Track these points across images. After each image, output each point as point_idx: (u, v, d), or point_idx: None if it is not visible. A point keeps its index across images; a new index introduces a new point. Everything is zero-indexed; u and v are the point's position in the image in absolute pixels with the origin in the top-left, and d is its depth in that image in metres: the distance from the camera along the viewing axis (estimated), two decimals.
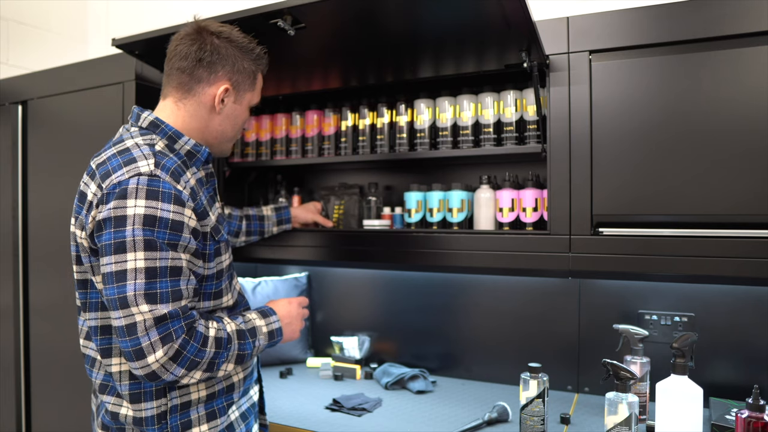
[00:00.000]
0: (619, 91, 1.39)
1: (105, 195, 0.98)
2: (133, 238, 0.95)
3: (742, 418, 1.20)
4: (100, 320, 1.09)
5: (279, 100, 2.07)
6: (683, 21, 1.33)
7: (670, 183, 1.34)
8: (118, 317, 0.96)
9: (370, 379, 1.91)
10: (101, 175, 1.02)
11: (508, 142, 1.62)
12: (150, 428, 1.07)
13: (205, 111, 1.16)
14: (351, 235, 1.77)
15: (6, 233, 2.13)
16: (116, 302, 0.96)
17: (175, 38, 1.17)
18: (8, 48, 2.55)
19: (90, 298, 1.09)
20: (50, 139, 2.05)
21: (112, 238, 0.96)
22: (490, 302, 1.89)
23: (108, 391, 1.11)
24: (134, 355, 0.96)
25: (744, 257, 1.27)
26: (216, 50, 1.13)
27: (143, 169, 1.00)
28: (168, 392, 1.08)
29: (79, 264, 1.10)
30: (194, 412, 1.10)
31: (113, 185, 0.98)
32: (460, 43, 1.47)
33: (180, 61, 1.13)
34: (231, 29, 1.18)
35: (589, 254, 1.41)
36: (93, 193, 1.02)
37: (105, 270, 0.97)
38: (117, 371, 1.08)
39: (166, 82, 1.19)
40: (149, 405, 1.06)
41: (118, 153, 1.05)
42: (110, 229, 0.96)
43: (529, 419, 1.36)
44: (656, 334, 1.64)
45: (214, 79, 1.14)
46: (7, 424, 2.14)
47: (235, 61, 1.16)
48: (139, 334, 0.95)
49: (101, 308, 1.08)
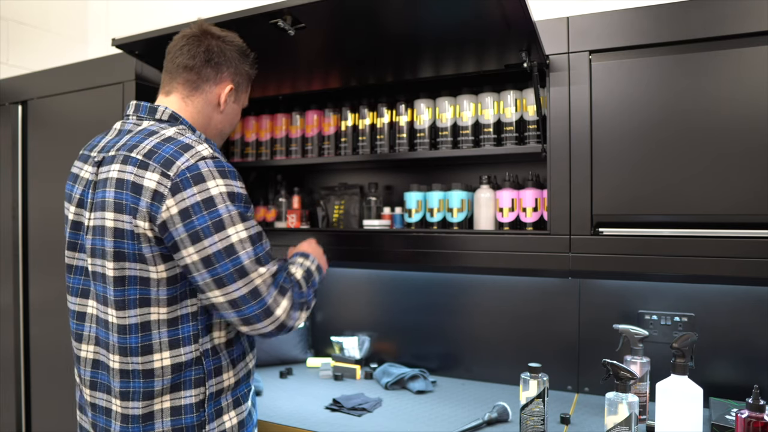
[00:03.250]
0: (619, 90, 1.39)
1: (177, 182, 1.00)
2: (229, 214, 1.01)
3: (742, 418, 1.20)
4: (139, 317, 1.05)
5: (279, 100, 2.07)
6: (683, 21, 1.33)
7: (670, 183, 1.34)
8: (238, 288, 1.02)
9: (370, 379, 1.91)
10: (161, 163, 1.01)
11: (508, 142, 1.62)
12: (188, 416, 1.07)
13: (210, 108, 1.22)
14: (351, 235, 1.77)
15: (6, 233, 2.14)
16: (233, 275, 1.01)
17: (179, 38, 1.22)
18: (8, 48, 2.55)
19: (128, 295, 1.04)
20: (50, 139, 2.05)
21: (208, 220, 1.00)
22: (490, 302, 1.89)
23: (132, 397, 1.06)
24: (263, 315, 1.05)
25: (744, 257, 1.27)
26: (222, 52, 1.20)
27: (205, 153, 1.04)
28: (206, 381, 1.09)
29: (121, 260, 1.04)
30: (224, 399, 1.12)
31: (182, 171, 1.00)
32: (460, 43, 1.47)
33: (188, 59, 1.18)
34: (233, 35, 1.25)
35: (589, 254, 1.41)
36: (157, 182, 1.00)
37: (210, 251, 1.00)
38: (159, 366, 1.05)
39: (169, 78, 1.21)
40: (188, 393, 1.07)
41: (164, 141, 1.05)
42: (202, 212, 0.99)
43: (529, 419, 1.36)
44: (656, 334, 1.64)
45: (220, 79, 1.21)
46: (7, 424, 2.14)
47: (237, 64, 1.23)
48: (263, 295, 1.04)
49: (141, 305, 1.04)
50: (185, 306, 1.07)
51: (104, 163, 1.11)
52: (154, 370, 1.06)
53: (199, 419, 1.08)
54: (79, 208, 1.14)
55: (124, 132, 1.14)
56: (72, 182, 1.18)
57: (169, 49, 1.22)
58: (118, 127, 1.18)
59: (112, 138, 1.15)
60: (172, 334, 1.06)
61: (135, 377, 1.06)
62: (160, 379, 1.06)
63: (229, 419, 1.13)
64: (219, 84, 1.21)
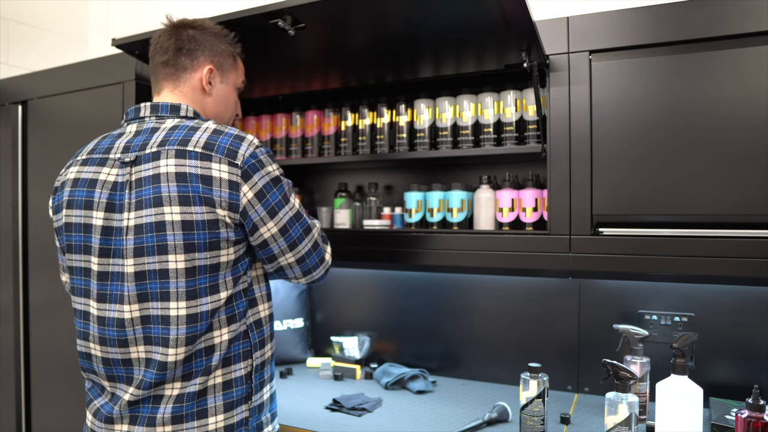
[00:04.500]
0: (619, 90, 1.39)
1: (246, 169, 1.08)
2: (287, 188, 1.16)
3: (742, 418, 1.20)
4: (210, 304, 1.09)
5: (279, 100, 2.07)
6: (683, 21, 1.33)
7: (670, 183, 1.34)
8: (306, 245, 1.18)
9: (370, 379, 1.91)
10: (225, 154, 1.07)
11: (508, 142, 1.62)
12: (239, 389, 1.13)
13: (198, 94, 1.23)
14: (351, 235, 1.77)
15: (6, 233, 2.14)
16: (302, 235, 1.18)
17: (155, 37, 1.24)
18: (8, 48, 2.55)
19: (199, 285, 1.07)
20: (50, 139, 2.05)
21: (279, 196, 1.13)
22: (490, 302, 1.89)
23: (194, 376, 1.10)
24: (319, 262, 1.23)
25: (744, 257, 1.27)
26: (192, 38, 1.21)
27: (256, 142, 1.13)
28: (253, 353, 1.15)
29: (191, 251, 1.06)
30: (266, 372, 1.20)
31: (247, 159, 1.09)
32: (460, 43, 1.47)
33: (161, 55, 1.21)
34: (203, 20, 1.26)
35: (589, 254, 1.41)
36: (228, 172, 1.07)
37: (285, 220, 1.14)
38: (219, 341, 1.10)
39: (155, 79, 1.23)
40: (238, 366, 1.13)
41: (214, 133, 1.10)
42: (273, 190, 1.12)
43: (529, 419, 1.36)
44: (656, 334, 1.64)
45: (197, 65, 1.22)
46: (7, 424, 2.14)
47: (212, 44, 1.24)
48: (320, 245, 1.23)
49: (211, 292, 1.08)
50: (241, 284, 1.14)
51: (141, 161, 1.09)
52: (214, 346, 1.10)
53: (247, 391, 1.14)
54: (109, 212, 1.10)
55: (148, 131, 1.13)
56: (87, 188, 1.12)
57: (149, 51, 1.24)
58: (134, 129, 1.15)
59: (133, 138, 1.13)
60: (230, 311, 1.12)
61: (198, 357, 1.09)
62: (218, 353, 1.11)
63: (267, 391, 1.21)
64: (197, 69, 1.22)
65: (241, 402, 1.13)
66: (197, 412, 1.09)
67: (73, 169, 1.17)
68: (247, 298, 1.15)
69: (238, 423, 1.12)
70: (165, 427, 1.07)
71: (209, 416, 1.09)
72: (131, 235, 1.07)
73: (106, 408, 1.13)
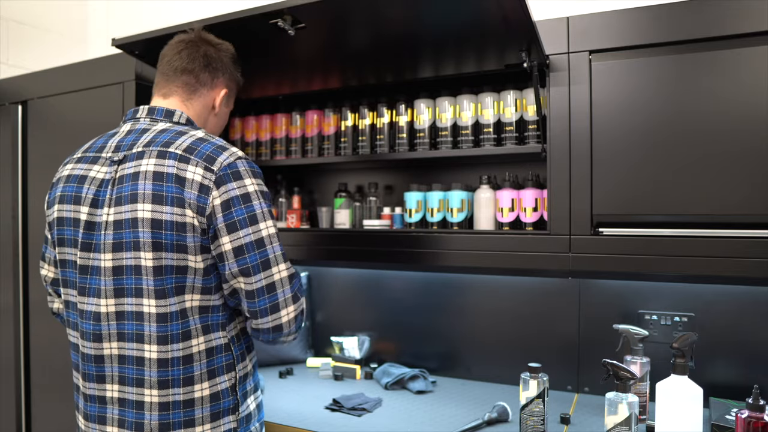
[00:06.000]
0: (619, 91, 1.39)
1: (221, 176, 1.07)
2: (262, 210, 1.10)
3: (742, 418, 1.20)
4: (177, 305, 1.08)
5: (279, 100, 2.07)
6: (683, 21, 1.33)
7: (670, 182, 1.34)
8: (258, 279, 1.08)
9: (370, 379, 1.91)
10: (203, 158, 1.08)
11: (508, 142, 1.62)
12: (225, 400, 1.13)
13: (206, 111, 1.28)
14: (351, 235, 1.77)
15: (6, 233, 2.13)
16: (259, 266, 1.08)
17: (176, 42, 1.26)
18: (8, 48, 2.55)
19: (166, 284, 1.08)
20: (50, 139, 2.05)
21: (245, 213, 1.07)
22: (490, 302, 1.89)
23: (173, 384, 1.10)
24: (269, 311, 1.09)
25: (744, 257, 1.27)
26: (219, 59, 1.27)
27: (239, 153, 1.12)
28: (236, 365, 1.15)
29: (158, 250, 1.07)
30: (248, 384, 1.20)
31: (224, 167, 1.08)
32: (460, 43, 1.47)
33: (188, 63, 1.23)
34: (227, 44, 1.31)
35: (589, 254, 1.41)
36: (201, 176, 1.07)
37: (243, 241, 1.07)
38: (197, 351, 1.10)
39: (165, 81, 1.24)
40: (222, 378, 1.13)
41: (199, 140, 1.11)
42: (240, 205, 1.07)
43: (529, 419, 1.36)
44: (656, 334, 1.64)
45: (215, 84, 1.28)
46: (7, 424, 2.14)
47: (231, 70, 1.31)
48: (277, 290, 1.09)
49: (177, 293, 1.08)
50: (216, 294, 1.13)
51: (127, 159, 1.11)
52: (192, 355, 1.10)
53: (233, 402, 1.15)
54: (92, 207, 1.13)
55: (139, 131, 1.15)
56: (77, 183, 1.16)
57: (165, 52, 1.26)
58: (127, 128, 1.18)
59: (124, 137, 1.16)
60: (203, 320, 1.11)
61: (174, 365, 1.09)
62: (198, 364, 1.11)
63: (252, 401, 1.21)
64: (214, 88, 1.27)
65: (227, 413, 1.14)
66: (184, 421, 1.10)
67: (68, 166, 1.21)
68: (228, 312, 1.15)
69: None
70: None
71: (196, 426, 1.10)
72: (110, 230, 1.10)
73: (90, 408, 1.16)
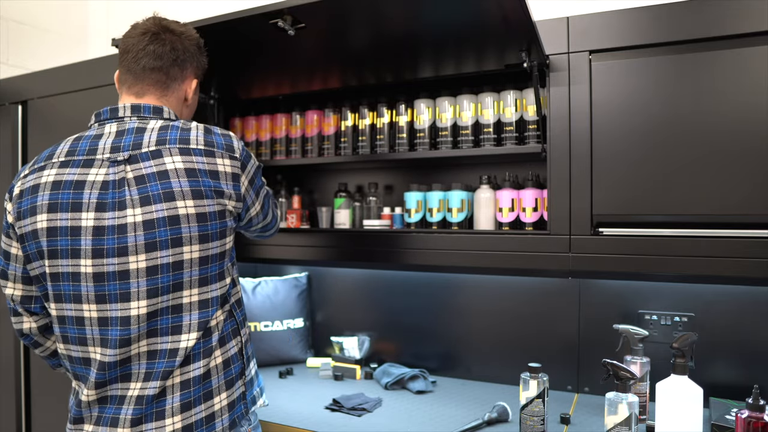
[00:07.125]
0: (619, 91, 1.39)
1: (243, 160, 1.20)
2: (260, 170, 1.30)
3: (742, 418, 1.20)
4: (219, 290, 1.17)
5: (279, 100, 2.07)
6: (683, 21, 1.33)
7: (670, 183, 1.34)
8: (274, 217, 1.39)
9: (370, 379, 1.91)
10: (224, 149, 1.17)
11: (508, 142, 1.62)
12: (236, 365, 1.19)
13: (180, 104, 1.29)
14: (351, 235, 1.77)
15: None
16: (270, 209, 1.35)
17: (138, 36, 1.22)
18: (8, 48, 2.55)
19: (210, 272, 1.15)
20: (50, 139, 2.04)
21: (262, 179, 1.30)
22: (490, 302, 1.89)
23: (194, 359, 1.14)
24: (279, 227, 1.46)
25: (744, 257, 1.27)
26: (186, 49, 1.25)
27: (237, 137, 1.26)
28: (240, 330, 1.23)
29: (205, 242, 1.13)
30: (250, 348, 1.26)
31: (242, 152, 1.20)
32: (460, 43, 1.47)
33: (155, 60, 1.21)
34: (189, 28, 1.29)
35: (589, 254, 1.41)
36: (230, 165, 1.17)
37: (263, 198, 1.29)
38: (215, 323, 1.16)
39: (134, 79, 1.21)
40: (231, 344, 1.19)
41: (206, 132, 1.18)
42: (259, 175, 1.27)
43: (529, 419, 1.36)
44: (656, 334, 1.64)
45: (185, 76, 1.27)
46: (7, 424, 2.14)
47: (198, 57, 1.29)
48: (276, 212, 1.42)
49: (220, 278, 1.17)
50: (233, 267, 1.24)
51: (139, 159, 1.09)
52: (211, 327, 1.15)
53: (241, 366, 1.20)
54: (99, 212, 1.08)
55: (133, 130, 1.13)
56: (72, 189, 1.10)
57: (128, 47, 1.22)
58: (114, 129, 1.14)
59: (118, 137, 1.13)
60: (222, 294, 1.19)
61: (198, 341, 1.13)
62: (216, 334, 1.15)
63: (253, 366, 1.28)
64: (185, 80, 1.27)
65: (237, 378, 1.19)
66: (204, 395, 1.13)
67: (46, 172, 1.13)
68: (230, 277, 1.24)
69: (237, 398, 1.18)
70: (174, 417, 1.10)
71: (214, 396, 1.14)
72: (141, 231, 1.07)
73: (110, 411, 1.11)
